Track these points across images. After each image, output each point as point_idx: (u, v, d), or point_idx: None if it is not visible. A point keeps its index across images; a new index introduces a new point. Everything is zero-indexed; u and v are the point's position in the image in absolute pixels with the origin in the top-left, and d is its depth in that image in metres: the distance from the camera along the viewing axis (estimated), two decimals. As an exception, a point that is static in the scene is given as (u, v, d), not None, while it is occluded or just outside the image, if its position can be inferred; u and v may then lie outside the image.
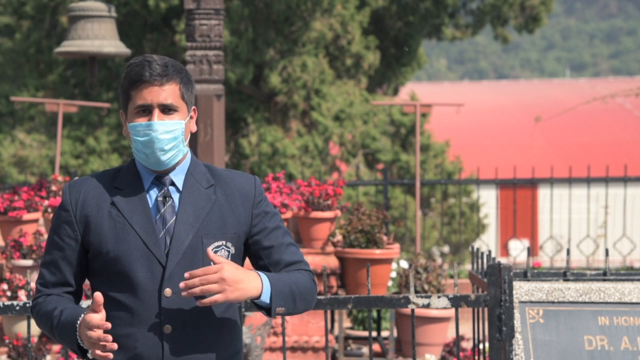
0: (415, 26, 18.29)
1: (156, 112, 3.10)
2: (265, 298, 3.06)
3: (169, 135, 3.09)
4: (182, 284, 2.96)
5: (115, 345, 2.94)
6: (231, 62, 15.96)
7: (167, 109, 3.11)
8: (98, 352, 2.94)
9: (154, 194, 3.15)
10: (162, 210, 3.12)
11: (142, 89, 3.09)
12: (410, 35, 18.46)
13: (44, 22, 17.39)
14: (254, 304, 3.09)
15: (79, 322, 3.00)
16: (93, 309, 2.95)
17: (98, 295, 2.93)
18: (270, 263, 3.21)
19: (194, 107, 3.21)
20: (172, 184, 3.16)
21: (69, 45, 8.11)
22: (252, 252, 3.22)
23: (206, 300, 2.98)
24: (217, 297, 2.98)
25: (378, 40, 18.01)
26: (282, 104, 17.08)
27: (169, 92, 3.10)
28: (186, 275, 2.97)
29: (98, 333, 2.93)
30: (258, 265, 3.24)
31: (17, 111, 18.62)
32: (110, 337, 2.92)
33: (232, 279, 2.99)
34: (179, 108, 3.13)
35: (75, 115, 17.23)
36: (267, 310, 3.10)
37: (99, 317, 2.94)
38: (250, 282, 3.03)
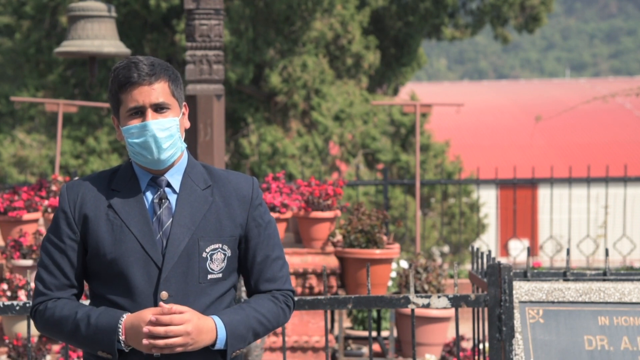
0: (415, 26, 18.28)
1: (149, 112, 3.07)
2: (221, 344, 3.01)
3: (165, 133, 3.07)
4: (146, 329, 2.91)
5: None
6: (231, 62, 15.96)
7: (159, 108, 3.08)
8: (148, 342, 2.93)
9: (150, 195, 3.12)
10: (159, 212, 3.10)
11: (132, 91, 3.06)
12: (410, 35, 18.45)
13: (44, 22, 17.38)
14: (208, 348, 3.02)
15: (121, 324, 2.97)
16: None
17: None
18: (254, 272, 3.18)
19: (184, 103, 3.19)
20: (168, 185, 3.13)
21: (69, 45, 8.11)
22: (239, 254, 3.20)
23: (166, 350, 2.94)
24: (177, 349, 2.94)
25: (378, 40, 18.01)
26: (282, 103, 17.07)
27: (159, 91, 3.07)
28: (152, 318, 2.91)
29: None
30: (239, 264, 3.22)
31: (17, 111, 18.62)
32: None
33: (196, 331, 2.95)
34: (171, 105, 3.10)
35: (75, 115, 17.23)
36: (222, 352, 3.04)
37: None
38: (208, 332, 2.98)
